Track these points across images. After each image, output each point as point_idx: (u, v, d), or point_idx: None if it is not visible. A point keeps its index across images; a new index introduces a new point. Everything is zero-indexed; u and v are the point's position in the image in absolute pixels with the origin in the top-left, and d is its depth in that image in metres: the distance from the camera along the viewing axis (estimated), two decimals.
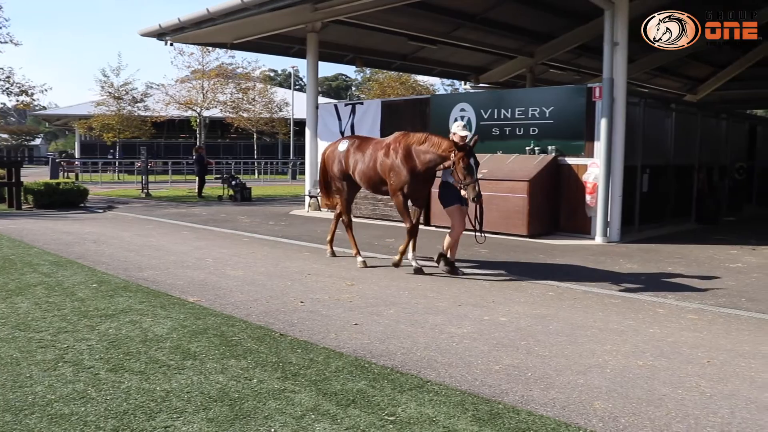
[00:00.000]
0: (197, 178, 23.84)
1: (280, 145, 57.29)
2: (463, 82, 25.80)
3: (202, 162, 23.57)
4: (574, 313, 6.42)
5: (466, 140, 8.18)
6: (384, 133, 15.39)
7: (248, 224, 14.03)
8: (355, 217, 14.90)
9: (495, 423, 3.75)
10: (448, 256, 8.45)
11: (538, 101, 12.54)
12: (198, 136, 39.48)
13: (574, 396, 4.20)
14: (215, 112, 41.43)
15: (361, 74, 77.17)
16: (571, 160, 12.17)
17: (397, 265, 8.71)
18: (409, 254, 8.73)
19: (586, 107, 11.85)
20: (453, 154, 7.74)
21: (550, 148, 12.32)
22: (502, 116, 12.98)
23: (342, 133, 16.49)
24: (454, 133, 8.34)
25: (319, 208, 17.13)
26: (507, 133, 12.97)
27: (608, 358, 5.01)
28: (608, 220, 11.53)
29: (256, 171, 45.36)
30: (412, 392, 4.21)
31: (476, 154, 13.57)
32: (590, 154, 11.81)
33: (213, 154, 46.07)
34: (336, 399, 4.09)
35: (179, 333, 5.53)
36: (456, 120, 8.10)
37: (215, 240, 11.47)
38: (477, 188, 7.69)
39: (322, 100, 30.67)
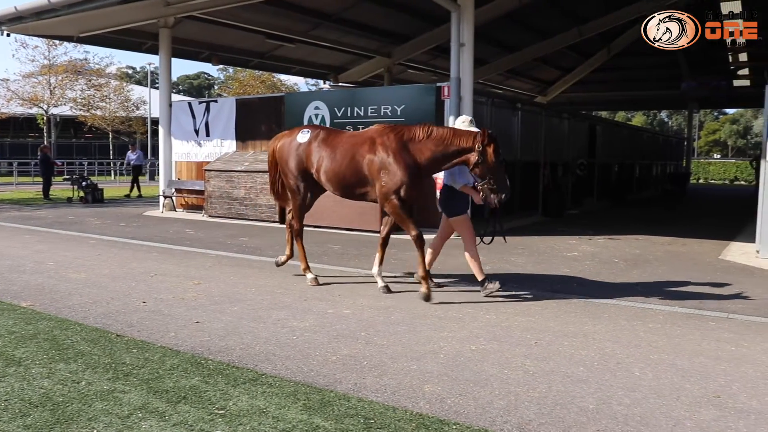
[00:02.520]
0: (42, 179, 22.51)
1: (138, 144, 55.02)
2: (323, 81, 25.92)
3: (47, 161, 22.24)
4: (417, 304, 6.62)
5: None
6: (239, 131, 15.23)
7: (97, 226, 13.41)
8: (210, 216, 14.68)
9: (324, 411, 3.82)
10: (479, 277, 7.15)
11: (390, 99, 12.81)
12: (46, 134, 37.28)
13: (406, 381, 4.34)
14: (65, 110, 39.26)
15: (224, 72, 75.77)
16: None
17: (427, 297, 6.70)
18: (375, 268, 7.40)
19: (435, 105, 12.23)
20: (478, 146, 6.56)
21: None
22: (355, 114, 13.15)
23: (197, 132, 16.13)
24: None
25: (174, 209, 16.66)
26: (360, 130, 13.06)
27: (444, 344, 5.22)
28: None
29: (112, 171, 43.37)
30: (245, 386, 4.21)
31: None
32: None
33: (66, 155, 43.62)
34: (167, 396, 4.02)
35: (5, 340, 5.22)
36: (460, 117, 7.31)
37: (59, 243, 10.88)
38: (507, 182, 6.77)
39: (178, 98, 29.84)
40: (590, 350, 5.13)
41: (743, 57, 26.17)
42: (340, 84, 23.95)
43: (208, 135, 15.82)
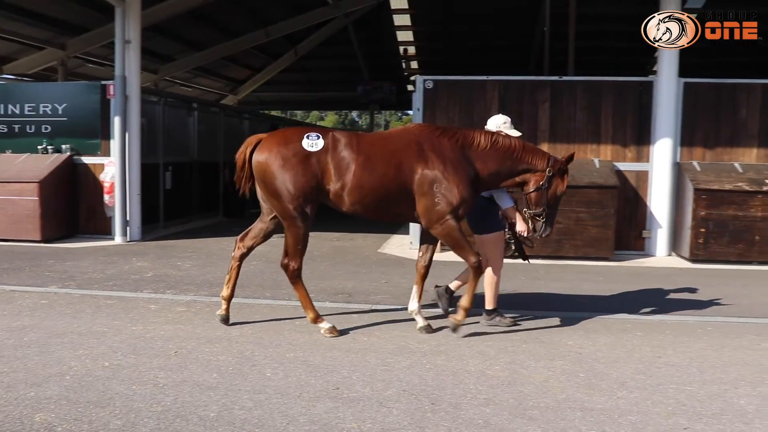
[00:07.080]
0: None
1: None
2: None
3: None
4: (59, 321, 6.21)
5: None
6: None
7: None
8: None
9: None
10: (489, 306, 6.27)
11: (50, 97, 11.95)
12: None
13: (17, 412, 4.03)
14: None
15: None
16: (87, 160, 11.83)
17: (456, 328, 5.86)
18: (414, 303, 6.21)
19: (101, 105, 11.67)
20: (549, 171, 5.74)
21: (64, 147, 11.80)
22: (9, 112, 12.02)
23: None
24: (499, 132, 6.06)
25: None
26: (16, 130, 12.08)
27: (75, 363, 4.96)
28: (128, 219, 11.49)
29: None
30: None
31: None
32: (107, 153, 11.65)
33: None
34: None
35: None
36: (498, 118, 6.23)
37: None
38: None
39: None
40: (230, 354, 5.25)
41: (414, 65, 28.88)
42: (5, 75, 21.68)
43: None
